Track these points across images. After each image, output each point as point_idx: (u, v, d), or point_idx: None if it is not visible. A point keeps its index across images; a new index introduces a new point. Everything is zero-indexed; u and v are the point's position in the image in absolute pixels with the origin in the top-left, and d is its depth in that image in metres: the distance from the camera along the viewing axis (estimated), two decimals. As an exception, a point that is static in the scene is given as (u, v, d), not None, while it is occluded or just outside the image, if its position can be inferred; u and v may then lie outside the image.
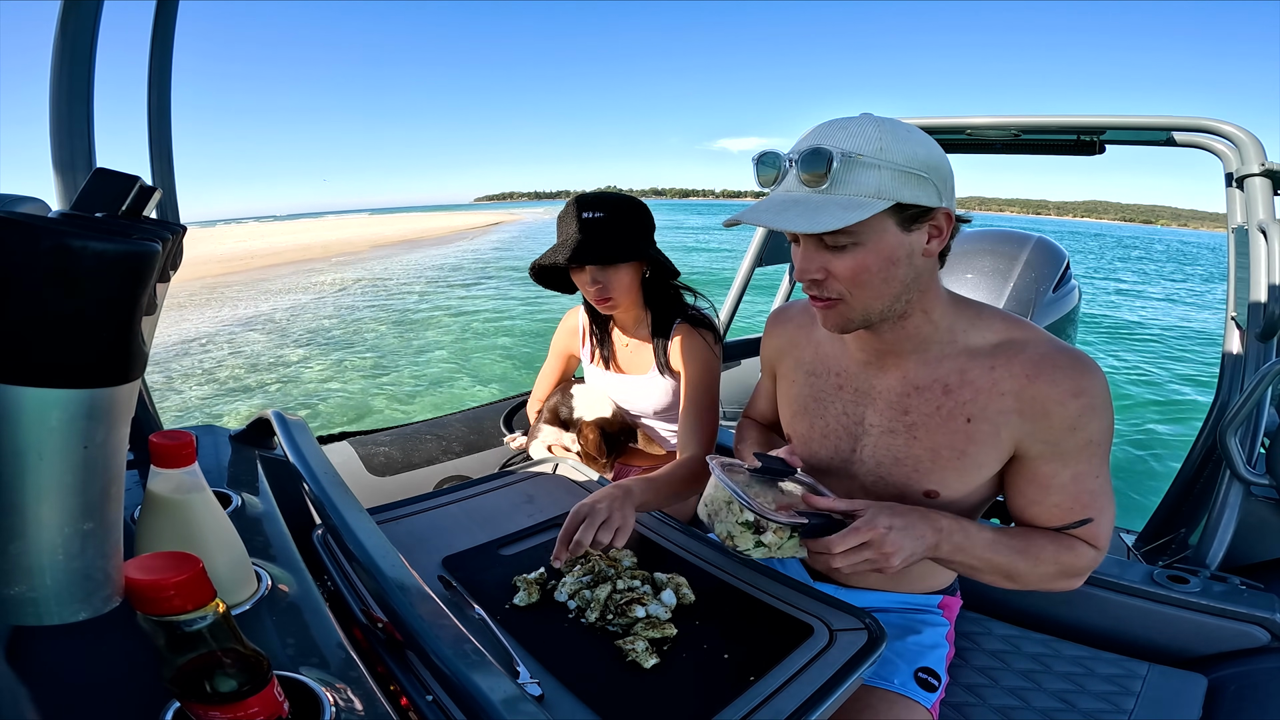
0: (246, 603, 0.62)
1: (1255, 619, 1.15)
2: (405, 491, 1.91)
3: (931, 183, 0.76)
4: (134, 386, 0.41)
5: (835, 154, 0.74)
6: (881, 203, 0.74)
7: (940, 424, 0.87)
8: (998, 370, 0.83)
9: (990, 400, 0.83)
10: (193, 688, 0.41)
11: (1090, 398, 0.79)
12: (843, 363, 0.96)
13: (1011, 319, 0.87)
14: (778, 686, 0.68)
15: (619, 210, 1.31)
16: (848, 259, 0.78)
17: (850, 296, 0.81)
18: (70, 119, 0.95)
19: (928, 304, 0.85)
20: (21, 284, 0.32)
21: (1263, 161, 1.52)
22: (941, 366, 0.87)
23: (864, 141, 0.74)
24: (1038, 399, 0.81)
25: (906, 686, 0.94)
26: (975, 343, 0.86)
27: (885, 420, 0.92)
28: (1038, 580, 0.85)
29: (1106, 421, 0.81)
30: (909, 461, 0.90)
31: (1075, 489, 0.84)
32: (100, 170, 0.67)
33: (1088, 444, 0.81)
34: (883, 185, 0.74)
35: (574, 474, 1.20)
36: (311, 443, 0.85)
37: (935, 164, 0.77)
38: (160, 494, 0.57)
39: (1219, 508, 1.36)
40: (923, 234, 0.79)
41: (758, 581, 0.88)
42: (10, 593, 0.36)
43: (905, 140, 0.75)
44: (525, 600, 0.82)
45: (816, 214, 0.74)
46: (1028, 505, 0.87)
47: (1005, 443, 0.84)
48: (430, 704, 0.59)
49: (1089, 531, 0.86)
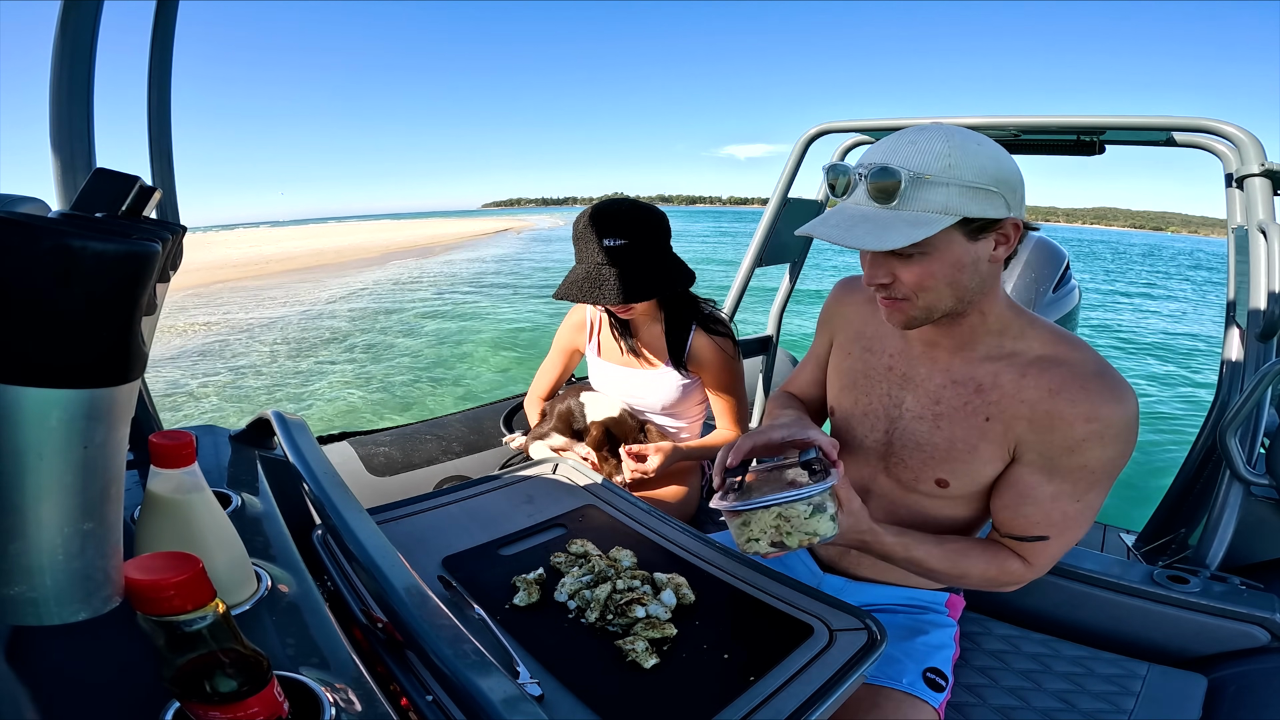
0: (246, 603, 0.62)
1: (1255, 619, 1.16)
2: (405, 492, 1.91)
3: (1000, 195, 0.77)
4: (134, 387, 0.41)
5: (904, 174, 0.75)
6: (948, 219, 0.76)
7: (963, 419, 0.90)
8: (1028, 379, 0.85)
9: (1010, 405, 0.85)
10: (193, 688, 0.41)
11: (1103, 426, 0.79)
12: (897, 345, 0.99)
13: (1065, 336, 0.88)
14: (778, 686, 0.68)
15: (640, 234, 1.31)
16: (915, 267, 0.80)
17: (916, 298, 0.83)
18: (70, 119, 0.95)
19: (986, 306, 0.87)
20: (21, 284, 0.32)
21: (1263, 162, 1.52)
22: (982, 367, 0.89)
23: (932, 159, 0.75)
24: (1050, 413, 0.82)
25: (915, 686, 0.95)
26: (1020, 350, 0.88)
27: (919, 406, 0.95)
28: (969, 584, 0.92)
29: (1113, 453, 0.81)
30: (928, 448, 0.93)
31: (1050, 506, 0.85)
32: (100, 170, 0.67)
33: (1081, 469, 0.82)
34: (949, 202, 0.75)
35: (574, 474, 1.20)
36: (311, 443, 0.85)
37: (1004, 177, 0.77)
38: (160, 494, 0.57)
39: (1219, 508, 1.36)
40: (989, 242, 0.81)
41: (758, 581, 0.88)
42: (10, 593, 0.36)
43: (974, 155, 0.76)
44: (525, 600, 0.82)
45: (885, 231, 0.76)
46: (1002, 508, 0.90)
47: (1009, 443, 0.87)
48: (430, 704, 0.59)
49: (1033, 548, 0.87)
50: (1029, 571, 0.88)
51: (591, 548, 0.93)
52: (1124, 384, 0.81)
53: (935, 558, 0.88)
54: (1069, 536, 0.86)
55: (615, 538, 0.98)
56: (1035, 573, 0.89)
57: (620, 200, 1.36)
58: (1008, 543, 0.89)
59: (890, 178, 0.76)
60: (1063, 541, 0.86)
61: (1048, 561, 0.88)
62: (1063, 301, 1.95)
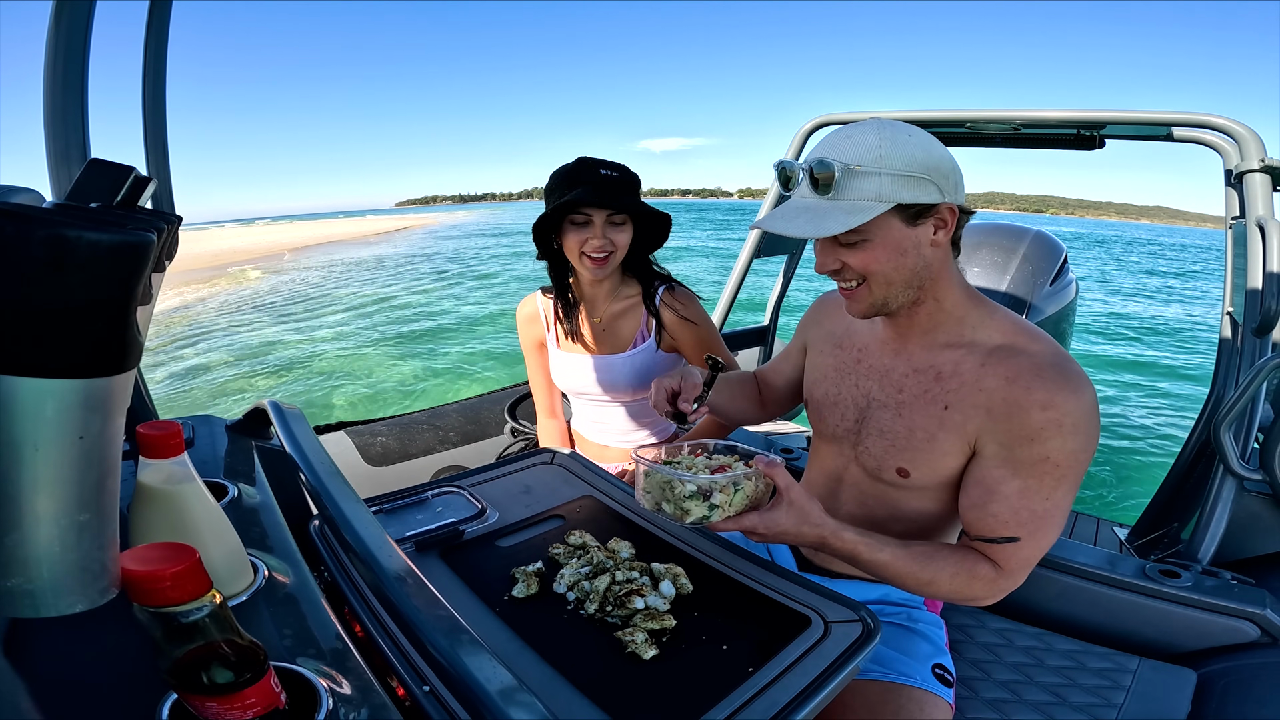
0: (243, 594, 0.62)
1: (1245, 614, 1.16)
2: (402, 481, 1.91)
3: (931, 182, 0.82)
4: (129, 377, 0.40)
5: (837, 166, 0.81)
6: (882, 205, 0.81)
7: (922, 406, 0.92)
8: (986, 368, 0.87)
9: (969, 394, 0.87)
10: (190, 679, 0.41)
11: (1059, 414, 0.80)
12: (866, 340, 1.04)
13: (1024, 326, 0.90)
14: (774, 677, 0.68)
15: (629, 173, 1.35)
16: (859, 253, 0.86)
17: (869, 286, 0.88)
18: (65, 109, 0.94)
19: (939, 292, 0.91)
20: (16, 274, 0.32)
21: (1262, 157, 1.52)
22: (941, 354, 0.92)
23: (864, 151, 0.81)
24: (1008, 401, 0.83)
25: (929, 682, 0.96)
26: (979, 339, 0.90)
27: (883, 395, 0.98)
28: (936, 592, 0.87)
29: (1074, 445, 0.81)
30: (889, 435, 0.96)
31: (1018, 503, 0.83)
32: (95, 161, 0.67)
33: (1043, 460, 0.81)
34: (882, 190, 0.81)
35: (572, 465, 1.20)
36: (308, 433, 0.85)
37: (934, 164, 0.82)
38: (150, 485, 0.57)
39: (1212, 503, 1.37)
40: (928, 227, 0.85)
41: (753, 573, 0.88)
42: (6, 585, 0.36)
43: (904, 145, 0.81)
44: (524, 592, 0.82)
45: (823, 220, 0.82)
46: (970, 508, 0.89)
47: (969, 435, 0.88)
48: (427, 694, 0.59)
49: (1005, 552, 0.85)
50: (1001, 579, 0.85)
51: (590, 539, 0.93)
52: (1081, 375, 0.82)
53: (901, 559, 0.85)
54: (1040, 539, 0.84)
55: (613, 529, 0.98)
56: (1008, 580, 0.85)
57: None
58: (979, 546, 0.87)
59: (825, 169, 0.82)
60: (1035, 544, 0.84)
61: (1020, 567, 0.85)
62: (1060, 294, 1.96)
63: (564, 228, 1.33)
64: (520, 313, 1.61)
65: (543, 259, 1.45)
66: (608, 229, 1.32)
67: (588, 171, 1.31)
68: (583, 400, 1.58)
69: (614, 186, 1.31)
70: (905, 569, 0.85)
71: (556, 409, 1.69)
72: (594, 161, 1.32)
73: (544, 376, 1.63)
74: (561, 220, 1.33)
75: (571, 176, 1.31)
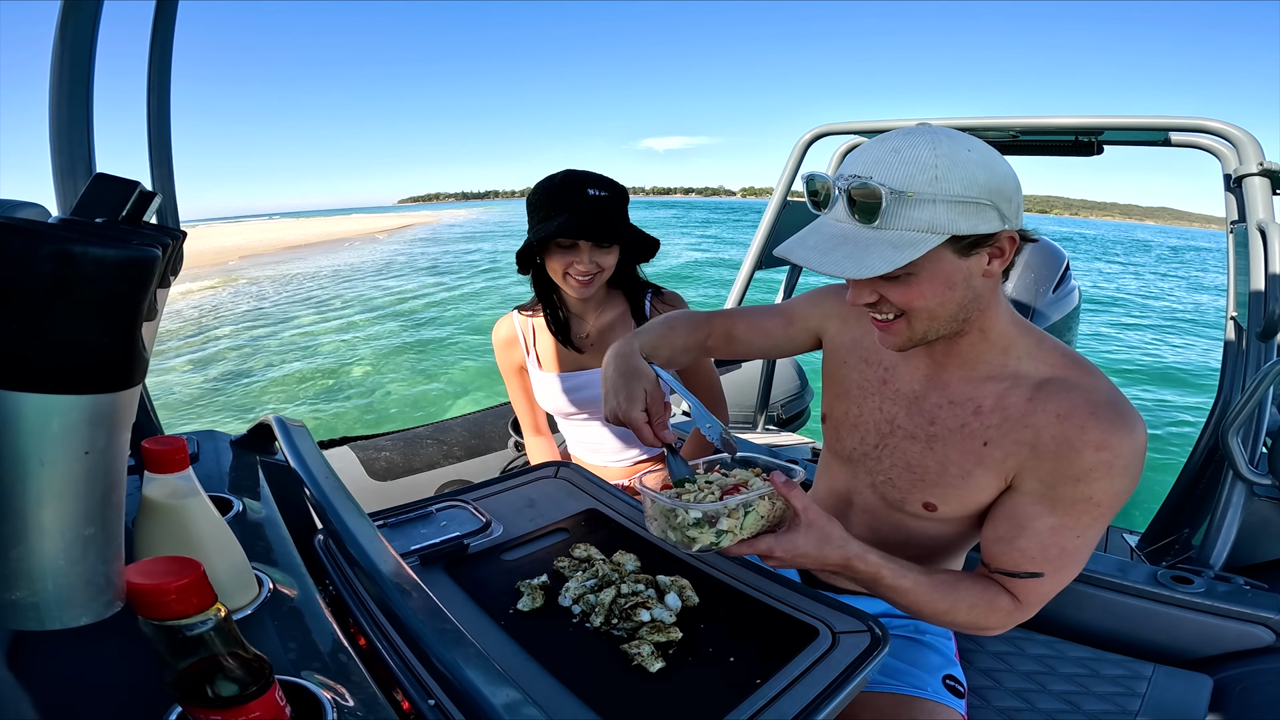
0: (248, 607, 0.62)
1: (1260, 619, 1.15)
2: (406, 496, 1.91)
3: (993, 207, 0.71)
4: (135, 392, 0.41)
5: (885, 192, 0.69)
6: (935, 238, 0.70)
7: (959, 441, 0.85)
8: (1035, 403, 0.79)
9: (1013, 429, 0.80)
10: (194, 692, 0.41)
11: (1112, 456, 0.74)
12: (894, 358, 0.94)
13: (1075, 357, 0.83)
14: (782, 689, 0.67)
15: (617, 190, 1.31)
16: (902, 288, 0.75)
17: (908, 320, 0.78)
18: (70, 124, 0.95)
19: (986, 323, 0.82)
20: (22, 290, 0.32)
21: (1261, 161, 1.52)
22: (983, 387, 0.84)
23: (917, 171, 0.69)
24: (1058, 439, 0.76)
25: (939, 694, 0.95)
26: (1026, 371, 0.82)
27: (911, 425, 0.90)
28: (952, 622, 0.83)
29: (1120, 486, 0.75)
30: (918, 469, 0.88)
31: (1048, 540, 0.78)
32: (100, 175, 0.67)
33: (1086, 500, 0.76)
34: (936, 219, 0.70)
35: (576, 478, 1.20)
36: (312, 447, 0.85)
37: (997, 185, 0.71)
38: (155, 499, 0.57)
39: (1222, 508, 1.36)
40: (983, 257, 0.75)
41: (760, 584, 0.87)
42: (12, 598, 0.36)
43: (964, 164, 0.70)
44: (529, 605, 0.81)
45: (865, 254, 0.70)
46: (995, 540, 0.83)
47: (1009, 470, 0.82)
48: (432, 708, 0.59)
49: (1026, 586, 0.80)
50: (1018, 611, 0.81)
51: (595, 552, 0.93)
52: (1135, 414, 0.76)
53: (924, 587, 0.80)
54: (1064, 575, 0.80)
55: (618, 541, 0.98)
56: (1024, 614, 0.82)
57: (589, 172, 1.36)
58: (998, 578, 0.82)
59: (869, 193, 0.70)
60: (1057, 580, 0.80)
61: (1038, 602, 0.81)
62: (1063, 302, 1.95)
63: (549, 249, 1.30)
64: (496, 336, 1.54)
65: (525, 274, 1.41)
66: (594, 252, 1.28)
67: (575, 193, 1.26)
68: (573, 422, 1.54)
69: (602, 209, 1.27)
70: (926, 597, 0.80)
71: (541, 426, 1.64)
72: (581, 179, 1.28)
73: (525, 397, 1.58)
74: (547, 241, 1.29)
75: (558, 197, 1.27)
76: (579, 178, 1.28)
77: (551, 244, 1.29)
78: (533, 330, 1.49)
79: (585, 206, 1.26)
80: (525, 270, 1.40)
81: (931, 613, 0.81)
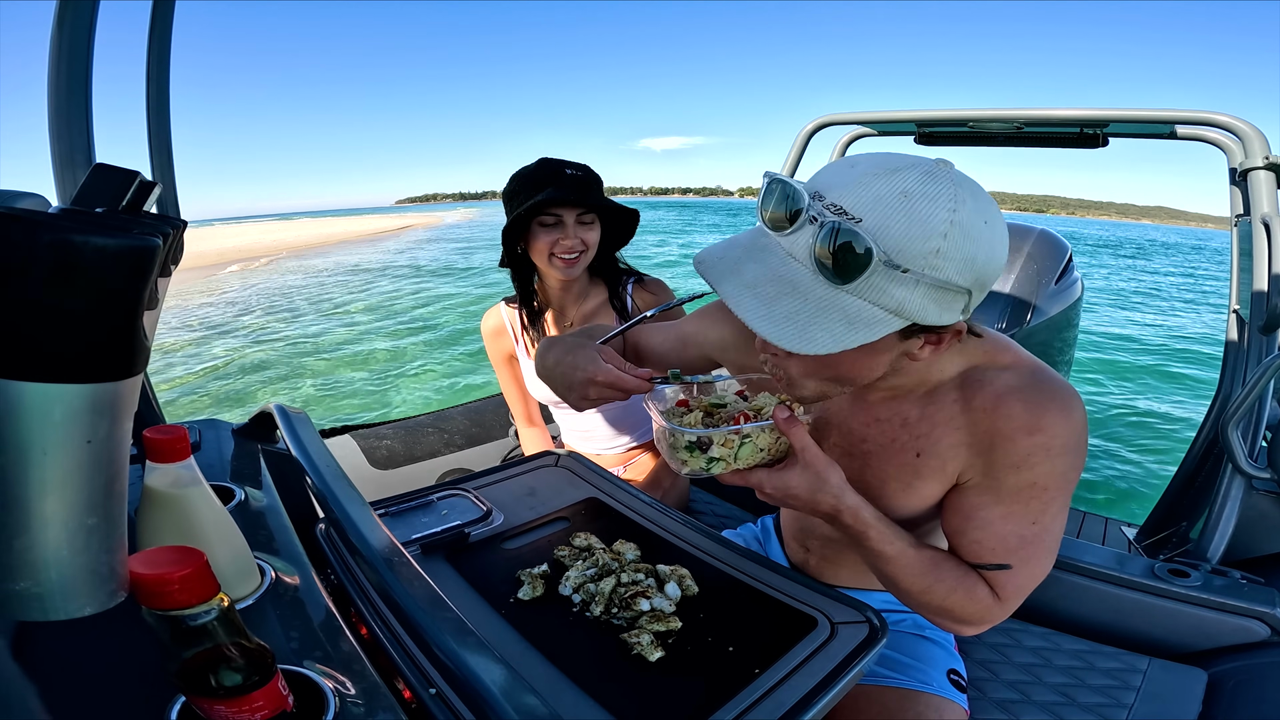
0: (250, 597, 0.62)
1: (1256, 613, 1.16)
2: (408, 484, 1.91)
3: (968, 296, 0.61)
4: (136, 381, 0.41)
5: (877, 255, 0.56)
6: (897, 322, 0.60)
7: (892, 455, 0.82)
8: (959, 403, 0.77)
9: (944, 435, 0.78)
10: (198, 682, 0.41)
11: (1048, 438, 0.70)
12: None
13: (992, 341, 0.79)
14: (781, 678, 0.68)
15: (592, 173, 1.35)
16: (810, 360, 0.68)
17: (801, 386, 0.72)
18: (69, 114, 0.95)
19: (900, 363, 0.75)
20: (22, 279, 0.32)
21: (1267, 155, 1.51)
22: (905, 402, 0.82)
23: (922, 238, 0.57)
24: (990, 432, 0.73)
25: (945, 688, 0.95)
26: (944, 371, 0.79)
27: (845, 443, 0.88)
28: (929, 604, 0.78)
29: (1062, 467, 0.71)
30: (860, 486, 0.80)
31: (1002, 529, 0.74)
32: (100, 165, 0.67)
33: (1029, 486, 0.72)
34: (909, 302, 0.59)
35: (577, 467, 1.20)
36: (314, 436, 0.85)
37: (987, 274, 0.61)
38: (157, 489, 0.57)
39: (1220, 501, 1.36)
40: (919, 341, 0.66)
41: (759, 574, 0.88)
42: (15, 588, 0.36)
43: (974, 242, 0.58)
44: (529, 594, 0.82)
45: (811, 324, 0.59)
46: (951, 534, 0.81)
47: (950, 472, 0.79)
48: (434, 697, 0.59)
49: (1000, 579, 0.76)
50: (997, 607, 0.76)
51: (595, 541, 0.93)
52: (1065, 387, 0.72)
53: (908, 557, 0.76)
54: (1034, 566, 0.75)
55: (619, 530, 0.98)
56: (1001, 610, 0.77)
57: None
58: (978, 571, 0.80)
59: (856, 254, 0.57)
60: (1028, 571, 0.75)
61: (1014, 595, 0.76)
62: (1065, 294, 1.95)
63: (532, 230, 1.31)
64: (485, 326, 1.57)
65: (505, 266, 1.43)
66: (578, 228, 1.31)
67: (552, 172, 1.29)
68: (564, 410, 1.56)
69: (581, 183, 1.30)
70: (908, 569, 0.76)
71: (535, 417, 1.67)
72: (557, 162, 1.31)
73: (517, 387, 1.61)
74: (529, 223, 1.31)
75: (536, 178, 1.29)
76: (554, 161, 1.32)
77: (535, 225, 1.31)
78: (520, 320, 1.52)
79: (566, 181, 1.30)
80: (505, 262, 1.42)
81: (908, 588, 0.77)
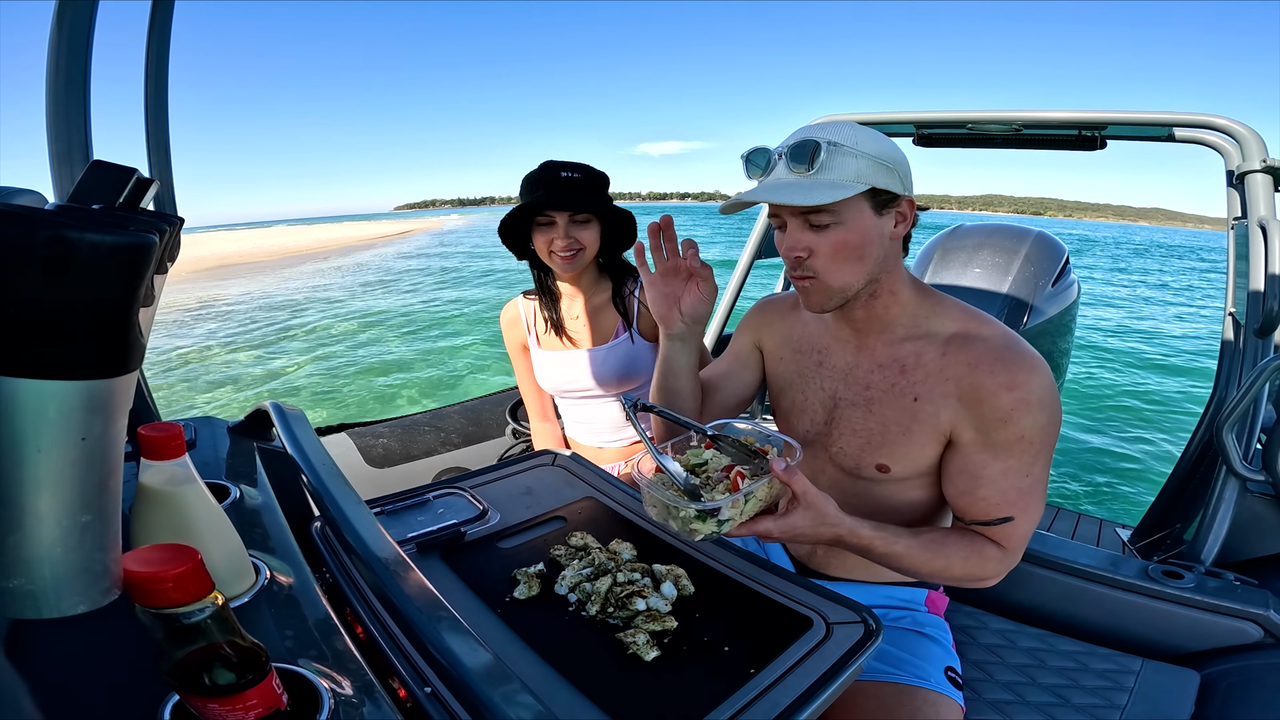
0: (245, 595, 0.62)
1: (1249, 615, 1.16)
2: (404, 483, 1.91)
3: (897, 174, 0.87)
4: (131, 378, 0.40)
5: (822, 143, 0.84)
6: (861, 185, 0.84)
7: (892, 400, 0.94)
8: (947, 357, 0.90)
9: (936, 384, 0.90)
10: (192, 680, 0.41)
11: (1025, 393, 0.84)
12: (824, 340, 1.04)
13: (971, 312, 0.95)
14: (776, 678, 0.68)
15: (591, 171, 1.40)
16: (830, 237, 0.87)
17: (828, 274, 0.89)
18: (67, 111, 0.94)
19: (894, 286, 0.94)
20: (18, 275, 0.32)
21: (1264, 158, 1.52)
22: (902, 348, 0.95)
23: (843, 135, 0.85)
24: (975, 387, 0.87)
25: (942, 685, 0.97)
26: (935, 329, 0.94)
27: (851, 394, 0.99)
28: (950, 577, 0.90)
29: (1043, 420, 0.85)
30: (864, 434, 0.97)
31: (1004, 484, 0.87)
32: (97, 162, 0.67)
33: (1019, 439, 0.85)
34: (861, 171, 0.84)
35: (573, 466, 1.20)
36: (310, 434, 0.85)
37: (899, 159, 0.88)
38: (151, 486, 0.57)
39: (1215, 503, 1.36)
40: (890, 219, 0.89)
41: (755, 574, 0.88)
42: (8, 585, 0.36)
43: (874, 137, 0.86)
44: (525, 593, 0.82)
45: (809, 193, 0.83)
46: (959, 495, 0.92)
47: (944, 425, 0.90)
48: (429, 696, 0.59)
49: (1004, 532, 0.89)
50: (1006, 557, 0.89)
51: (591, 540, 0.93)
52: (1033, 353, 0.87)
53: (915, 549, 0.87)
54: (1031, 513, 0.88)
55: (615, 530, 0.98)
56: (1011, 558, 0.90)
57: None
58: (977, 529, 0.91)
59: (809, 148, 0.84)
60: (1027, 519, 0.88)
61: (1019, 544, 0.90)
62: (1062, 295, 1.95)
63: (536, 229, 1.41)
64: (503, 318, 1.66)
65: (523, 259, 1.51)
66: (571, 228, 1.38)
67: (549, 175, 1.37)
68: (569, 401, 1.62)
69: (574, 186, 1.37)
70: (919, 558, 0.87)
71: (548, 412, 1.72)
72: (557, 165, 1.38)
73: (532, 380, 1.67)
74: (531, 222, 1.41)
75: (535, 181, 1.38)
76: (554, 164, 1.39)
77: (534, 223, 1.40)
78: (534, 311, 1.60)
79: (558, 184, 1.37)
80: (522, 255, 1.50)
81: (929, 571, 0.88)
